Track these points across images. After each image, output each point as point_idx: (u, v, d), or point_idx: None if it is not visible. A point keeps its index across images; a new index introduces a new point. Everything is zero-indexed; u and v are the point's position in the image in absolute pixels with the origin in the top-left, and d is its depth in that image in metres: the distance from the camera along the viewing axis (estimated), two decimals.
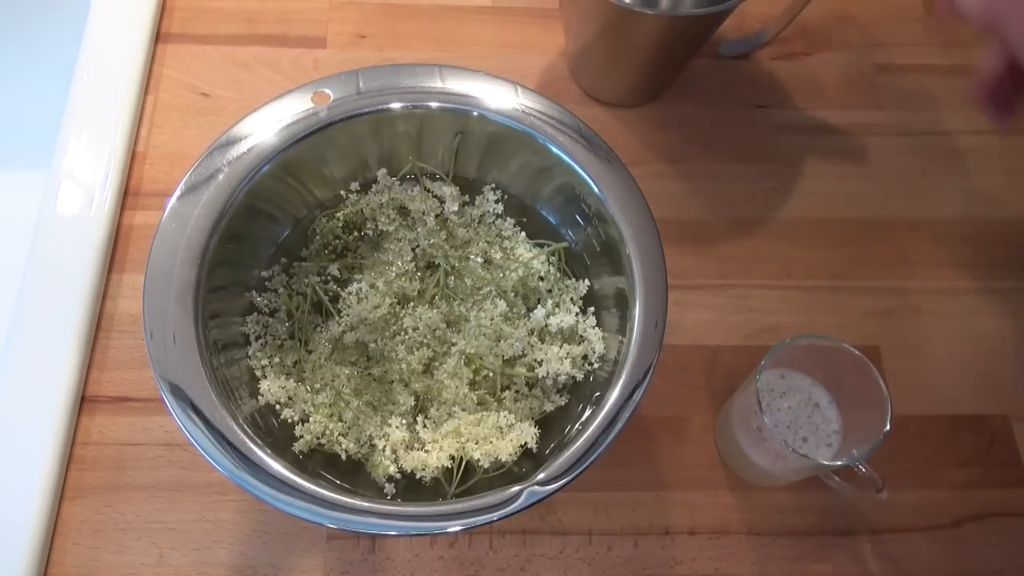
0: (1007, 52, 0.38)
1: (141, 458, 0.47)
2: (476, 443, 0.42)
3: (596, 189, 0.44)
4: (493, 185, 0.49)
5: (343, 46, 0.62)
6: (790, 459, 0.42)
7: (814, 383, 0.47)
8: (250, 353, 0.45)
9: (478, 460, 0.42)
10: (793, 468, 0.44)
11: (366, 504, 0.36)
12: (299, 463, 0.41)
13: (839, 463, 0.42)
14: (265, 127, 0.44)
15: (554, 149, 0.44)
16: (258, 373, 0.44)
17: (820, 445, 0.45)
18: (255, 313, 0.46)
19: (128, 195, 0.55)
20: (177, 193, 0.42)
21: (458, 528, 0.36)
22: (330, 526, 0.36)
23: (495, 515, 0.36)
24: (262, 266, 0.47)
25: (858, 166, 0.60)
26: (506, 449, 0.42)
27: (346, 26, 0.62)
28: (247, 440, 0.37)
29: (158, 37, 0.61)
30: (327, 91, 0.45)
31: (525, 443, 0.42)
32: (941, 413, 0.52)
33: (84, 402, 0.49)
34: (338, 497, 0.36)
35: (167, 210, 0.41)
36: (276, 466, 0.37)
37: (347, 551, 0.46)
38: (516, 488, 0.37)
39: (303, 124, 0.44)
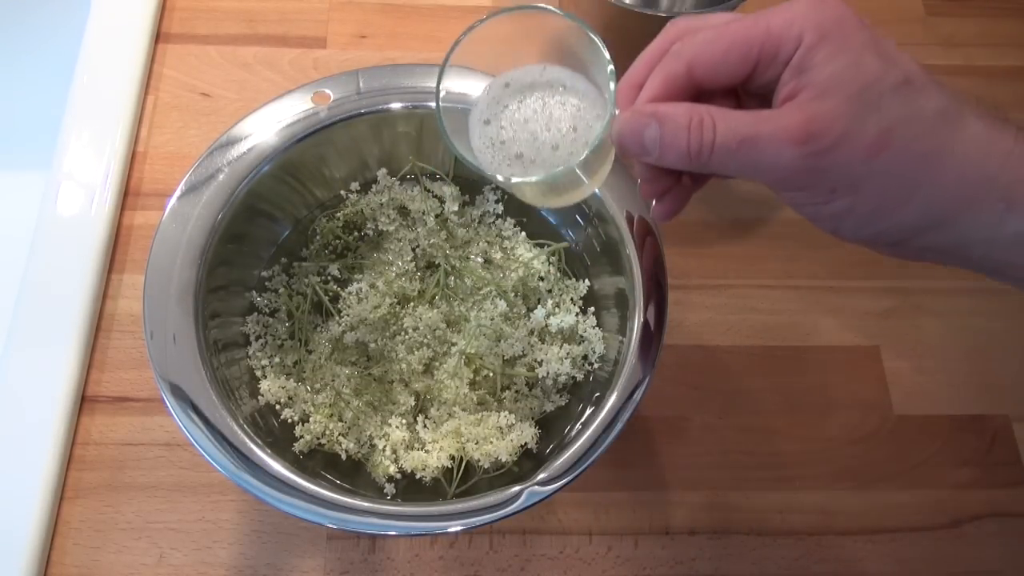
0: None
1: (141, 458, 0.47)
2: (476, 443, 0.42)
3: (596, 190, 0.44)
4: (493, 185, 0.49)
5: (343, 46, 0.62)
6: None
7: (544, 67, 0.34)
8: (250, 353, 0.45)
9: (478, 460, 0.42)
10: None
11: (366, 504, 0.37)
12: (299, 463, 0.41)
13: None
14: (265, 127, 0.44)
15: None
16: (258, 373, 0.44)
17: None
18: (255, 313, 0.46)
19: (128, 195, 0.55)
20: (177, 193, 0.42)
21: (458, 528, 0.36)
22: (330, 526, 0.36)
23: (495, 515, 0.36)
24: (262, 266, 0.47)
25: None
26: (506, 449, 0.42)
27: (346, 26, 0.62)
28: (247, 440, 0.37)
29: (158, 37, 0.61)
30: (327, 91, 0.45)
31: (525, 443, 0.42)
32: (941, 413, 0.52)
33: (84, 402, 0.49)
34: (338, 497, 0.36)
35: (167, 210, 0.41)
36: (276, 466, 0.37)
37: (347, 551, 0.46)
38: (516, 488, 0.37)
39: (303, 124, 0.44)
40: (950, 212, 0.27)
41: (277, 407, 0.43)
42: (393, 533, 0.38)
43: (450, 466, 0.43)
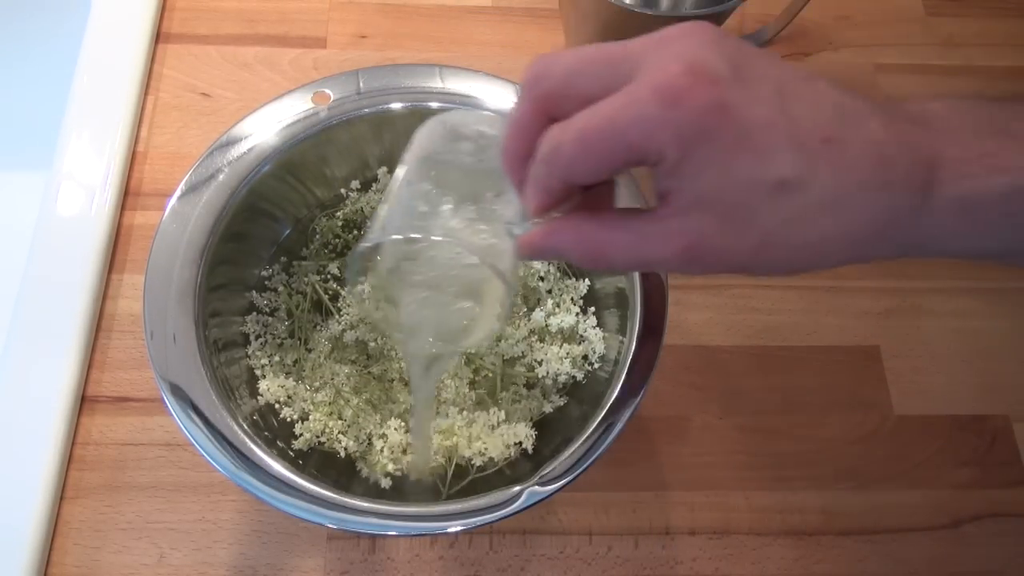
0: None
1: (141, 458, 0.47)
2: (470, 443, 0.42)
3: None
4: None
5: (343, 46, 0.62)
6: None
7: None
8: (250, 352, 0.45)
9: (470, 459, 0.42)
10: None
11: (366, 504, 0.37)
12: (297, 463, 0.41)
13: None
14: (265, 127, 0.44)
15: None
16: (258, 372, 0.44)
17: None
18: (255, 313, 0.46)
19: (128, 195, 0.55)
20: (177, 193, 0.42)
21: (458, 528, 0.36)
22: (330, 526, 0.36)
23: (495, 515, 0.36)
24: (262, 265, 0.47)
25: None
26: (498, 448, 0.42)
27: (346, 26, 0.62)
28: (247, 440, 0.37)
29: (158, 37, 0.61)
30: (327, 91, 0.45)
31: (522, 444, 0.42)
32: (941, 413, 0.52)
33: (84, 402, 0.49)
34: (338, 497, 0.36)
35: (167, 210, 0.41)
36: (276, 466, 0.37)
37: (347, 551, 0.46)
38: (517, 488, 0.37)
39: (303, 124, 0.44)
40: (851, 260, 0.27)
41: (276, 405, 0.43)
42: (393, 533, 0.38)
43: (445, 466, 0.43)
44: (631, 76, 0.24)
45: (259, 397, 0.43)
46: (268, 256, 0.47)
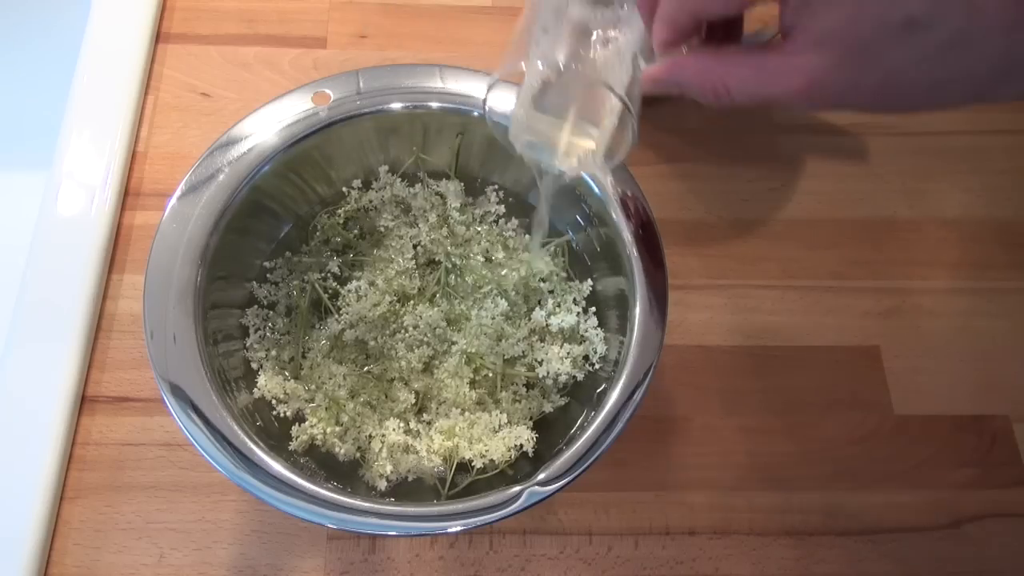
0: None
1: (141, 458, 0.47)
2: (471, 444, 0.42)
3: (596, 189, 0.44)
4: (496, 186, 0.49)
5: (343, 46, 0.62)
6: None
7: None
8: (247, 344, 0.45)
9: (470, 460, 0.42)
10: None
11: (366, 504, 0.37)
12: (295, 463, 0.41)
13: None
14: (266, 127, 0.44)
15: None
16: (254, 366, 0.44)
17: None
18: (255, 306, 0.46)
19: (128, 195, 0.55)
20: (177, 193, 0.42)
21: (458, 528, 0.36)
22: (330, 526, 0.36)
23: (495, 515, 0.36)
24: (263, 257, 0.47)
25: (858, 166, 0.60)
26: (500, 451, 0.42)
27: (346, 26, 0.62)
28: (247, 440, 0.37)
29: (158, 37, 0.60)
30: (327, 91, 0.45)
31: (520, 445, 0.42)
32: (941, 413, 0.52)
33: (84, 402, 0.49)
34: (338, 497, 0.36)
35: (167, 210, 0.41)
36: (276, 466, 0.37)
37: (347, 551, 0.46)
38: (517, 488, 0.37)
39: (303, 124, 0.44)
40: (973, 101, 0.28)
41: (274, 402, 0.43)
42: (393, 533, 0.38)
43: (443, 468, 0.43)
44: None
45: (255, 390, 0.43)
46: (269, 250, 0.47)
